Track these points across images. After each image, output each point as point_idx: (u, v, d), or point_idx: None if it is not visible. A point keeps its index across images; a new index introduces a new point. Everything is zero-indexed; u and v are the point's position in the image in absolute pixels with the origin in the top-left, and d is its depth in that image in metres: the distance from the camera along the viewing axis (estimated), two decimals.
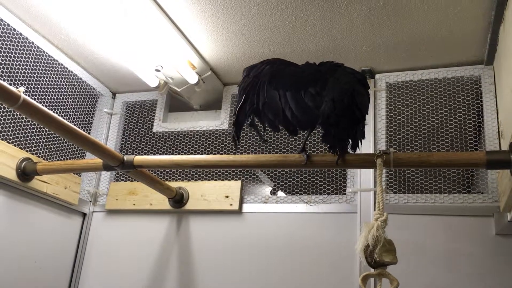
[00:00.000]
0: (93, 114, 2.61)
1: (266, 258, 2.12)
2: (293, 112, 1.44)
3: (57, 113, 1.57)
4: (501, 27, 1.82)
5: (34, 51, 2.17)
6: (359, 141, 1.46)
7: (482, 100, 2.06)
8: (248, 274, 2.11)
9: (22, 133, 2.09)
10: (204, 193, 2.29)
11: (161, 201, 2.32)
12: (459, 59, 2.11)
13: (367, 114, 1.47)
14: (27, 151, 2.07)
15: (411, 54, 2.10)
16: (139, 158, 1.80)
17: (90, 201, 2.48)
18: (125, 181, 2.50)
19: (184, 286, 2.19)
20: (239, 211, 2.23)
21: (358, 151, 1.51)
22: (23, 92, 1.43)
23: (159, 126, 2.54)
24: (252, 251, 2.15)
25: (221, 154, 2.40)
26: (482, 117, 2.04)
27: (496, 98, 2.02)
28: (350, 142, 1.46)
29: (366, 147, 2.11)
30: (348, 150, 1.49)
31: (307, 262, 2.05)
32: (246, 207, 2.24)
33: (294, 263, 2.07)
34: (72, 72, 2.38)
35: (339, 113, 1.39)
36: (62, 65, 2.32)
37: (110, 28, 2.04)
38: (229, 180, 2.33)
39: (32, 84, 2.16)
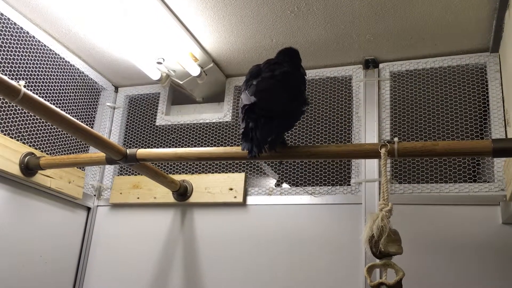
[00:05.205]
0: (95, 108, 2.60)
1: (270, 250, 2.11)
2: None
3: (59, 107, 1.57)
4: (506, 13, 1.79)
5: (35, 45, 2.16)
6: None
7: (487, 88, 2.04)
8: (253, 267, 2.11)
9: (25, 127, 2.09)
10: (208, 185, 2.28)
11: (165, 195, 2.32)
12: (464, 47, 2.08)
13: (297, 91, 1.51)
14: (30, 145, 2.07)
15: (415, 43, 2.08)
16: (142, 152, 1.79)
17: (94, 195, 2.48)
18: (129, 175, 2.50)
19: (189, 278, 2.19)
20: (243, 204, 2.22)
21: (362, 142, 1.50)
22: (24, 86, 1.42)
23: (162, 119, 2.53)
24: (256, 243, 2.14)
25: (225, 146, 2.39)
26: (488, 105, 2.02)
27: (502, 85, 1.99)
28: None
29: (371, 137, 2.10)
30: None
31: (311, 253, 2.04)
32: (250, 199, 2.23)
33: (299, 254, 2.06)
34: (74, 66, 2.37)
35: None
36: (63, 59, 2.31)
37: (111, 21, 2.02)
38: (233, 172, 2.32)
39: (33, 79, 2.15)
